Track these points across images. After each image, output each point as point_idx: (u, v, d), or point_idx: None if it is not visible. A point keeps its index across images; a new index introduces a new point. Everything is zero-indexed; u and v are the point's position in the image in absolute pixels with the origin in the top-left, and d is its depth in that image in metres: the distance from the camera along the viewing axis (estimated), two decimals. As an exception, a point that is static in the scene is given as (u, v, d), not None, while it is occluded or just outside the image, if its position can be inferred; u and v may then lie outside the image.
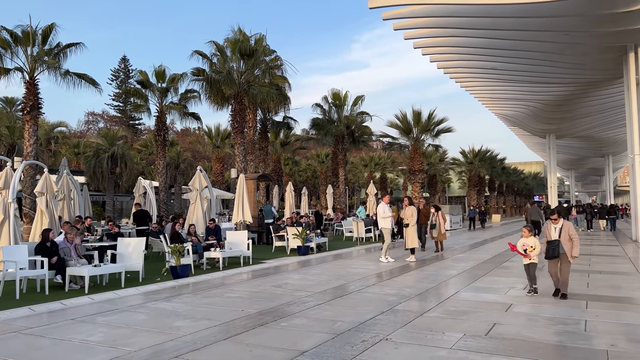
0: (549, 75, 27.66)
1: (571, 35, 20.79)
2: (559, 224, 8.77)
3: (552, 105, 34.96)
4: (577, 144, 53.94)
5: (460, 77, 32.05)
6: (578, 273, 11.95)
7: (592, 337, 6.22)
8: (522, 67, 26.86)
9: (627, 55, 21.49)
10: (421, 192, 34.03)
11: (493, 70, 28.24)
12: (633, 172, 22.10)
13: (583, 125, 42.55)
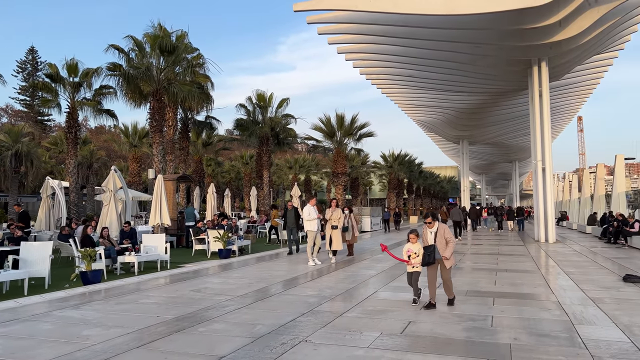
0: (463, 84, 29.25)
1: (483, 47, 22.12)
2: (434, 228, 8.23)
3: (465, 113, 36.99)
4: (487, 150, 57.48)
5: (381, 84, 33.05)
6: (486, 271, 12.73)
7: (498, 332, 6.63)
8: (438, 76, 28.19)
9: (532, 69, 23.23)
10: (344, 194, 34.66)
11: (411, 77, 29.40)
12: (536, 177, 23.90)
13: (493, 132, 45.44)
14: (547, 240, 22.73)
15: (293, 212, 16.88)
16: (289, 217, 17.07)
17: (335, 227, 14.86)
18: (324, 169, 59.19)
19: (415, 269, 8.37)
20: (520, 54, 22.49)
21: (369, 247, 20.26)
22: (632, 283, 10.64)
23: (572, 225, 38.41)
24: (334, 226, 14.87)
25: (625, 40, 26.00)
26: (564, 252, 18.19)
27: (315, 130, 33.24)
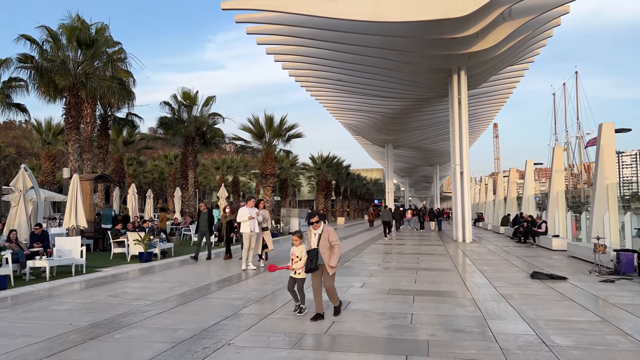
0: (389, 89, 30.19)
1: (407, 55, 22.95)
2: (318, 229, 7.38)
3: (390, 118, 38.18)
4: (411, 153, 59.69)
5: (310, 86, 33.34)
6: (408, 270, 13.19)
7: (417, 328, 6.89)
8: (366, 81, 28.91)
9: (452, 77, 24.41)
10: (272, 195, 34.51)
11: (339, 81, 29.91)
12: (454, 180, 25.13)
13: (416, 137, 47.26)
14: (464, 240, 23.94)
15: (206, 215, 15.88)
16: (201, 220, 15.99)
17: (266, 229, 14.55)
18: (253, 170, 58.67)
19: (299, 274, 7.59)
20: (441, 63, 23.56)
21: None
22: (539, 280, 11.46)
23: (487, 226, 40.72)
24: (264, 228, 14.58)
25: (535, 54, 28.04)
26: (479, 251, 19.26)
27: (244, 130, 32.83)
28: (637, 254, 12.41)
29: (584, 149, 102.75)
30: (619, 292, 9.84)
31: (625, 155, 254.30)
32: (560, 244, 19.10)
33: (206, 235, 16.11)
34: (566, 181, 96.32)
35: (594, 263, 13.06)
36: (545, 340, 6.20)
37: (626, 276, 11.73)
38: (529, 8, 19.85)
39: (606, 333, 6.56)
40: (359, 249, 19.78)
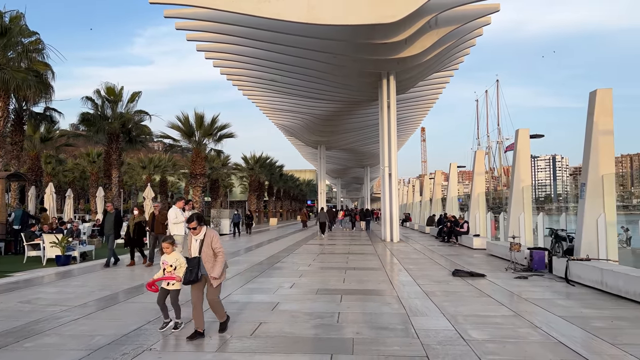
0: (321, 91, 30.48)
1: (339, 58, 23.28)
2: (200, 234, 6.33)
3: (323, 119, 38.56)
4: (343, 155, 60.58)
5: (242, 85, 32.95)
6: (337, 270, 13.36)
7: (343, 327, 6.98)
8: (299, 82, 29.01)
9: (382, 81, 25.05)
10: (202, 196, 33.76)
11: (273, 81, 29.81)
12: (383, 182, 25.79)
13: (348, 139, 48.05)
14: (392, 240, 24.62)
15: (113, 216, 14.57)
16: (107, 222, 14.64)
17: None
18: (182, 170, 57.06)
19: (172, 286, 6.74)
20: (371, 67, 24.11)
21: (227, 249, 20.06)
22: (460, 277, 12.01)
23: (414, 226, 42.16)
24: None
25: (460, 62, 29.39)
26: (406, 250, 19.89)
27: (173, 128, 31.88)
28: (547, 252, 13.32)
29: (504, 153, 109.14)
30: (531, 287, 10.51)
31: (540, 159, 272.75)
32: (480, 243, 20.13)
33: (110, 239, 14.56)
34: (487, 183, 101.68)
35: (510, 261, 13.87)
36: (463, 334, 6.50)
37: (538, 273, 12.55)
38: (454, 17, 20.79)
39: (518, 326, 6.97)
40: (291, 250, 19.80)
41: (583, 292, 9.79)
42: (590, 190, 12.15)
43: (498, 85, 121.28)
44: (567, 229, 16.28)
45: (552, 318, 7.51)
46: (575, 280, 10.82)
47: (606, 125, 12.07)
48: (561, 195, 70.72)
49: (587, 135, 12.40)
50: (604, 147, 12.08)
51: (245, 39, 22.51)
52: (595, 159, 12.10)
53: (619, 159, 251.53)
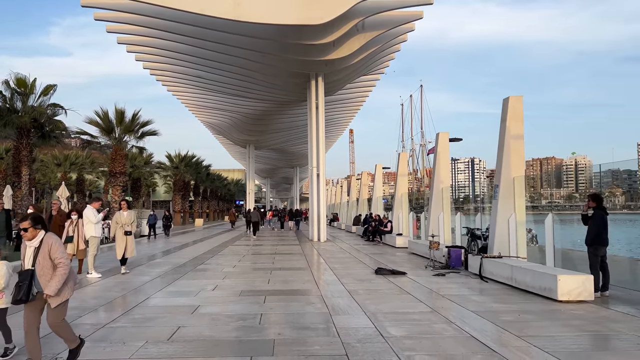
0: (250, 90, 30.15)
1: (268, 57, 23.14)
2: (34, 240, 5.03)
3: (251, 118, 38.19)
4: (272, 155, 60.36)
5: (167, 81, 31.88)
6: (262, 271, 13.24)
7: (265, 328, 6.91)
8: (227, 80, 28.51)
9: (310, 82, 25.21)
10: (122, 195, 32.22)
11: (199, 78, 29.10)
12: (311, 182, 25.96)
13: (277, 138, 47.94)
14: (319, 240, 24.83)
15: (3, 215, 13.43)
16: None
17: (129, 233, 12.99)
18: (101, 168, 54.22)
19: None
20: (300, 68, 24.19)
21: (147, 252, 19.30)
22: (382, 275, 12.30)
23: (341, 226, 42.82)
24: (128, 232, 12.97)
25: (386, 66, 30.20)
26: (332, 250, 20.12)
27: (91, 124, 30.10)
28: (464, 250, 13.99)
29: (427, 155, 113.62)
30: (448, 284, 10.98)
31: (460, 162, 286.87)
32: (402, 242, 20.77)
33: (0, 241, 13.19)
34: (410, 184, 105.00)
35: (429, 259, 14.41)
36: (382, 332, 6.64)
37: (455, 270, 13.14)
38: (380, 22, 21.33)
39: (434, 322, 7.24)
40: (216, 251, 19.38)
41: (495, 288, 10.35)
42: (503, 191, 12.89)
43: (422, 90, 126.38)
44: (482, 228, 17.15)
45: (465, 313, 7.87)
46: (489, 276, 11.43)
47: (517, 130, 12.87)
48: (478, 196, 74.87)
49: (500, 139, 13.15)
50: (515, 150, 12.87)
51: (169, 33, 21.77)
52: (508, 162, 12.86)
53: (530, 162, 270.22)
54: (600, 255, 9.31)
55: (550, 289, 8.85)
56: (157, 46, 24.64)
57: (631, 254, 18.36)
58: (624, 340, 6.28)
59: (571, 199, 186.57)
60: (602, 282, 9.27)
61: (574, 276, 8.85)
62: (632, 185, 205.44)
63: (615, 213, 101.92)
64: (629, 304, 8.52)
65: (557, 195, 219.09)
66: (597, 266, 9.27)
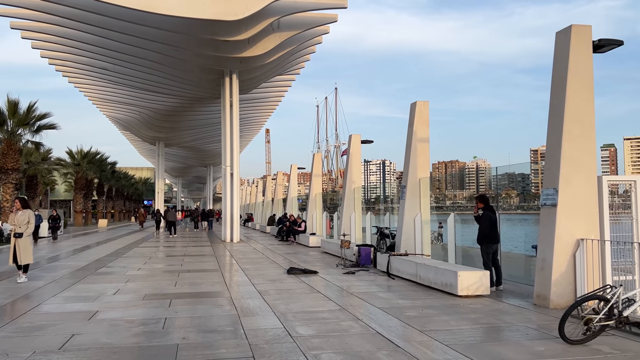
0: (160, 85, 28.92)
1: (180, 51, 22.32)
2: None
3: (162, 115, 36.70)
4: (184, 153, 58.44)
5: (69, 72, 29.74)
6: (170, 273, 12.72)
7: (168, 333, 6.59)
8: (135, 73, 27.11)
9: (225, 80, 24.68)
10: (15, 194, 29.56)
11: (105, 70, 27.44)
12: (225, 181, 25.44)
13: (190, 136, 46.50)
14: (232, 240, 24.39)
15: None
16: None
17: (19, 235, 11.56)
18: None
19: None
20: (213, 64, 23.61)
21: (42, 254, 17.85)
22: (294, 275, 12.30)
23: (256, 226, 42.45)
24: (18, 234, 11.51)
25: (301, 67, 30.37)
26: (245, 250, 19.84)
27: (-22, 116, 27.33)
28: (373, 248, 14.38)
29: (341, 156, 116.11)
30: (358, 282, 11.21)
31: (372, 163, 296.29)
32: (315, 241, 20.98)
33: None
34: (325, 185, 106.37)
35: (340, 257, 14.66)
36: (291, 332, 6.60)
37: (364, 268, 13.46)
38: (295, 23, 21.38)
39: (342, 320, 7.33)
40: (119, 253, 18.35)
41: (401, 285, 10.73)
42: (410, 192, 13.42)
43: (337, 93, 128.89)
44: (391, 227, 17.76)
45: (373, 310, 8.06)
46: (396, 274, 11.82)
47: (423, 134, 13.46)
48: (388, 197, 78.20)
49: (407, 142, 13.68)
50: (422, 153, 13.45)
51: (71, 21, 20.27)
52: (415, 164, 13.41)
53: (436, 165, 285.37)
54: (492, 252, 9.97)
55: (451, 285, 9.32)
56: (57, 34, 22.87)
57: (524, 251, 19.92)
58: (515, 331, 6.74)
59: (472, 200, 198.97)
60: (496, 277, 9.93)
61: (473, 272, 9.39)
62: (525, 187, 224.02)
63: (510, 213, 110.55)
64: (520, 297, 9.19)
65: (460, 196, 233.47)
66: (489, 263, 9.91)
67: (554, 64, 8.64)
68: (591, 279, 7.79)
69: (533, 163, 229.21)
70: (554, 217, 8.15)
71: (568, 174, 8.19)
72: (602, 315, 5.85)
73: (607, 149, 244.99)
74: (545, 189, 8.55)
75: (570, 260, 8.09)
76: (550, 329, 6.56)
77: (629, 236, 8.00)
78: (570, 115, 8.25)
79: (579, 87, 8.30)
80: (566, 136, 8.23)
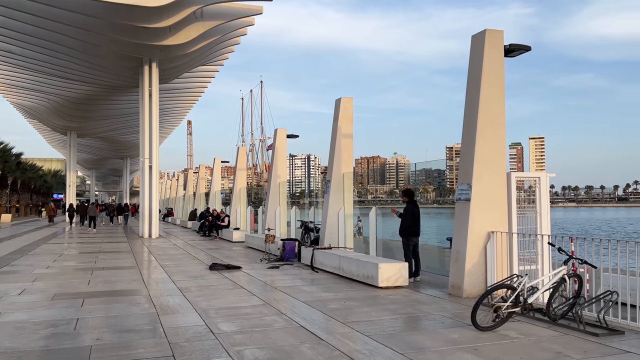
0: (72, 71, 27.08)
1: (93, 35, 21.01)
2: None
3: (74, 103, 34.42)
4: (99, 144, 55.23)
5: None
6: (82, 271, 12.02)
7: (80, 334, 6.22)
8: (44, 57, 25.18)
9: (143, 68, 23.59)
10: None
11: (9, 53, 25.25)
12: (143, 174, 24.37)
13: (105, 126, 44.02)
14: (150, 236, 23.48)
15: None
16: None
17: None
18: None
19: None
20: (131, 51, 22.50)
21: None
22: (217, 270, 12.07)
23: (176, 221, 41.14)
24: None
25: (225, 58, 29.74)
26: (165, 246, 19.17)
27: None
28: (298, 242, 14.45)
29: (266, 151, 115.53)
30: (282, 276, 11.21)
31: (298, 158, 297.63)
32: (239, 236, 20.72)
33: None
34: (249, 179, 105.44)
35: (265, 252, 14.58)
36: (213, 328, 6.46)
37: (289, 262, 13.50)
38: (219, 13, 20.89)
39: (266, 315, 7.29)
40: (25, 250, 17.05)
41: (325, 278, 10.87)
42: (334, 186, 13.62)
43: (262, 85, 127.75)
44: (316, 221, 17.94)
45: (296, 304, 8.10)
46: (320, 267, 11.96)
47: (347, 130, 13.69)
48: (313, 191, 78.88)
49: (332, 137, 13.86)
50: (346, 148, 13.69)
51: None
52: (339, 159, 13.62)
53: (359, 160, 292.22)
54: (412, 245, 10.38)
55: (372, 277, 9.58)
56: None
57: (439, 243, 20.92)
58: (432, 320, 7.06)
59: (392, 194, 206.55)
60: (415, 268, 10.35)
61: (393, 264, 9.71)
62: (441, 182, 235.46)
63: (427, 207, 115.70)
64: (436, 287, 9.64)
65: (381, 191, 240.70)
66: (410, 255, 10.32)
67: (469, 66, 9.10)
68: (500, 269, 8.34)
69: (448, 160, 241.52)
70: (468, 211, 8.61)
71: (480, 170, 8.68)
72: (510, 302, 6.27)
73: (515, 148, 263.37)
74: (460, 185, 9.01)
75: (482, 251, 8.59)
76: (464, 317, 6.94)
77: (534, 229, 8.64)
78: (483, 115, 8.73)
79: (491, 89, 8.82)
80: (480, 135, 8.71)
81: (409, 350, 5.49)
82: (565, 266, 6.65)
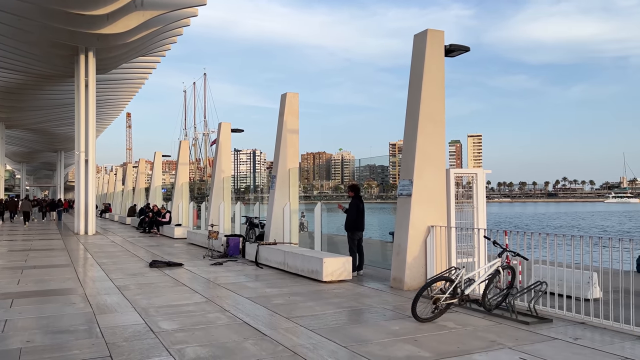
0: (0, 58, 25.40)
1: (23, 20, 19.79)
2: None
3: (2, 92, 32.31)
4: (30, 136, 52.22)
5: None
6: (11, 270, 11.37)
7: (9, 337, 5.88)
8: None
9: (79, 57, 22.51)
10: None
11: None
12: (78, 168, 23.28)
13: (36, 117, 41.68)
14: (86, 233, 22.50)
15: None
16: None
17: None
18: None
19: None
20: (66, 39, 21.39)
21: None
22: (157, 268, 11.74)
23: (114, 217, 39.64)
24: None
25: (167, 49, 28.85)
26: (102, 243, 18.44)
27: None
28: (242, 238, 14.30)
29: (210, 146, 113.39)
30: (225, 272, 11.07)
31: (243, 153, 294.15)
32: (181, 233, 20.24)
33: None
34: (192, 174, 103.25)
35: (208, 248, 14.33)
36: (153, 327, 6.29)
37: (233, 258, 13.34)
38: (160, 2, 20.23)
39: (209, 312, 7.18)
40: (-54, 249, 15.89)
41: (269, 273, 10.83)
42: (280, 181, 13.58)
43: (205, 78, 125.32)
44: (261, 217, 17.82)
45: (240, 300, 8.02)
46: (264, 263, 11.90)
47: (293, 125, 13.68)
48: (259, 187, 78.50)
49: (278, 132, 13.80)
50: (291, 143, 13.67)
51: None
52: (285, 154, 13.59)
53: (305, 156, 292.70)
54: (357, 239, 10.55)
55: (317, 271, 9.65)
56: None
57: (382, 238, 21.36)
58: (374, 312, 7.20)
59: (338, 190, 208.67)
60: (359, 262, 10.51)
61: (337, 258, 9.82)
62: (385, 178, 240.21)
63: (371, 202, 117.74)
64: (378, 280, 9.83)
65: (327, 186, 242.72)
66: (354, 249, 10.47)
67: (412, 64, 9.33)
68: (440, 262, 8.63)
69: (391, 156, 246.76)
70: (409, 206, 8.84)
71: (421, 166, 8.93)
72: (448, 294, 6.51)
73: (454, 145, 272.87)
74: (401, 180, 9.23)
75: (422, 245, 8.85)
76: (405, 309, 7.13)
77: (471, 223, 8.99)
78: (424, 113, 8.98)
79: (432, 87, 9.08)
80: (421, 132, 8.95)
81: (351, 343, 5.57)
82: (500, 258, 6.97)
